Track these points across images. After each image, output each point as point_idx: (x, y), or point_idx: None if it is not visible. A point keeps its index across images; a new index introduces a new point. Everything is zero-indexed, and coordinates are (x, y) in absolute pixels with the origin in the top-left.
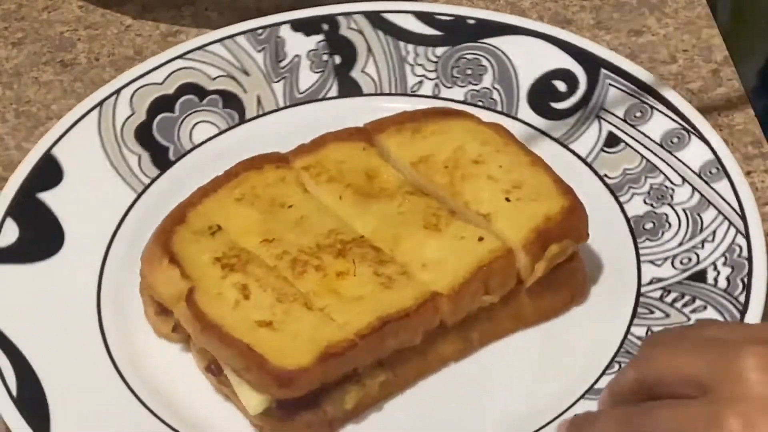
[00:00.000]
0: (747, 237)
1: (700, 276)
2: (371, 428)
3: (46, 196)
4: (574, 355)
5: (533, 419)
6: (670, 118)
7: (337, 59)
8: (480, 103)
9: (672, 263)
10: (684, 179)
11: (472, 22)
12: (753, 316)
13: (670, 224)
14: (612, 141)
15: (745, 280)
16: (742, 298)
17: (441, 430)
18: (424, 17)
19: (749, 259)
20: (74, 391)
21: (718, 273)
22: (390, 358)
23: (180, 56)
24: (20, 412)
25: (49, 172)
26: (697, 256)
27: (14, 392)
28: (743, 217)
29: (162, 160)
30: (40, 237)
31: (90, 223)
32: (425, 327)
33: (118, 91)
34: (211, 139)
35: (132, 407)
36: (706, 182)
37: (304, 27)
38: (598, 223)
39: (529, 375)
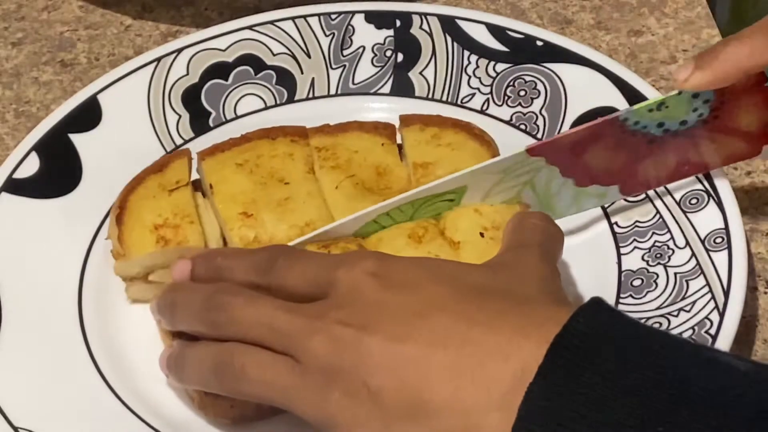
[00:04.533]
0: (722, 315)
1: None
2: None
3: (77, 138)
4: None
5: None
6: (697, 177)
7: (400, 57)
8: (522, 126)
9: None
10: (688, 242)
11: (540, 44)
12: None
13: (657, 285)
14: None
15: None
16: None
17: None
18: (495, 31)
19: (714, 337)
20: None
21: None
22: None
23: (249, 27)
24: None
25: (88, 116)
26: (669, 322)
27: None
28: (727, 294)
29: (200, 125)
30: (58, 177)
31: (109, 173)
32: None
33: (179, 51)
34: (254, 112)
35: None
36: (707, 250)
37: (377, 19)
38: (590, 272)
39: None
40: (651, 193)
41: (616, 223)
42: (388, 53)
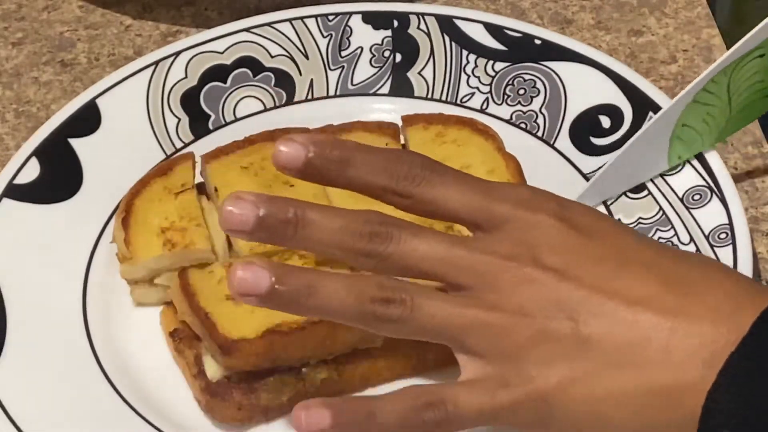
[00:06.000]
0: None
1: None
2: None
3: (77, 143)
4: None
5: None
6: (699, 173)
7: (398, 57)
8: (522, 125)
9: None
10: (692, 239)
11: (538, 42)
12: None
13: None
14: (638, 187)
15: None
16: None
17: None
18: (493, 30)
19: None
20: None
21: None
22: (340, 358)
23: (246, 29)
24: None
25: (87, 120)
26: None
27: None
28: None
29: (200, 128)
30: (58, 182)
31: (110, 177)
32: None
33: (177, 53)
34: (253, 115)
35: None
36: (712, 246)
37: (375, 20)
38: None
39: None
40: (653, 189)
41: (619, 219)
42: (387, 53)
